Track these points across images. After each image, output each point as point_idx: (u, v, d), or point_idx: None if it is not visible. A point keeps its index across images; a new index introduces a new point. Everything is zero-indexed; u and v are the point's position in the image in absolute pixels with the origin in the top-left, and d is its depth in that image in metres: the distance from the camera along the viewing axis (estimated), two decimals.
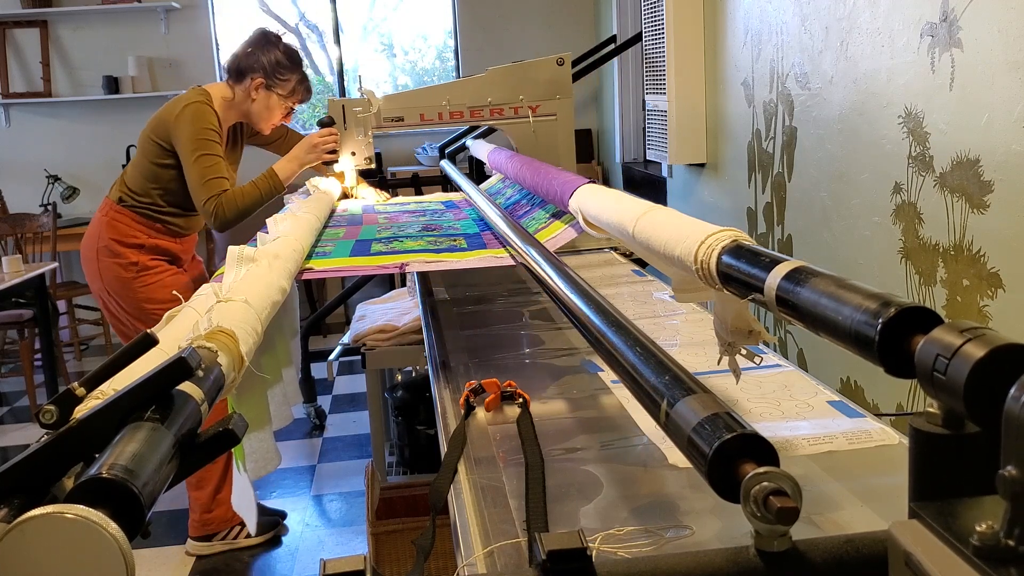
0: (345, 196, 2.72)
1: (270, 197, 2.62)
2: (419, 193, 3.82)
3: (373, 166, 2.69)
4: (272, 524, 3.13)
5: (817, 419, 1.15)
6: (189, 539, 3.03)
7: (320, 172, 2.69)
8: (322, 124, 2.62)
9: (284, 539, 3.12)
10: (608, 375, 1.37)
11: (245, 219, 2.60)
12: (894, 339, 0.60)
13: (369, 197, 2.70)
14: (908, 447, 0.57)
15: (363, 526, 2.71)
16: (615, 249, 2.34)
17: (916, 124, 2.03)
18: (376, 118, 2.57)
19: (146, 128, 2.68)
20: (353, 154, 2.63)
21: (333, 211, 2.47)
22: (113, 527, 0.48)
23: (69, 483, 0.58)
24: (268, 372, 1.33)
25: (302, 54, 2.82)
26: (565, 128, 2.57)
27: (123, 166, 5.52)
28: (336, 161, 2.64)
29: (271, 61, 2.64)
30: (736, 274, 0.86)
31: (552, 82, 2.54)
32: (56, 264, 4.82)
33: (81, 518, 0.48)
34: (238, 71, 2.67)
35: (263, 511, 3.15)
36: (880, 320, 0.61)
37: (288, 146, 2.80)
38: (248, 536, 3.04)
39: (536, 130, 2.54)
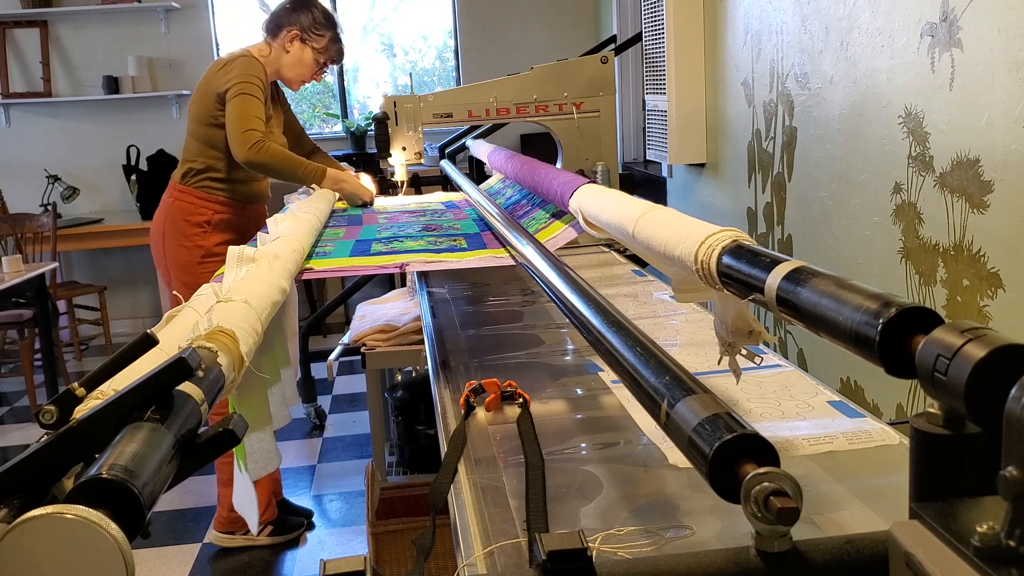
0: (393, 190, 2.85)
1: (301, 181, 2.70)
2: (419, 193, 3.82)
3: (423, 161, 2.79)
4: (296, 525, 3.13)
5: (817, 419, 1.15)
6: (213, 531, 3.06)
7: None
8: (376, 120, 2.70)
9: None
10: (608, 375, 1.37)
11: (266, 175, 2.77)
12: (895, 339, 0.60)
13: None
14: (909, 447, 0.57)
15: (363, 526, 2.71)
16: (615, 249, 2.34)
17: (916, 124, 2.03)
18: (425, 114, 2.65)
19: (195, 93, 2.79)
20: (404, 149, 2.71)
21: (333, 211, 2.47)
22: (113, 527, 0.48)
23: (69, 483, 0.58)
24: (266, 372, 1.33)
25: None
26: (608, 124, 2.67)
27: (123, 166, 5.55)
28: (368, 201, 2.71)
29: (308, 19, 2.82)
30: (736, 274, 0.86)
31: (595, 79, 2.64)
32: (56, 264, 4.81)
33: (81, 518, 0.48)
34: (275, 26, 2.82)
35: (290, 510, 3.16)
36: (881, 320, 0.61)
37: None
38: (271, 535, 3.05)
39: (580, 126, 2.63)
